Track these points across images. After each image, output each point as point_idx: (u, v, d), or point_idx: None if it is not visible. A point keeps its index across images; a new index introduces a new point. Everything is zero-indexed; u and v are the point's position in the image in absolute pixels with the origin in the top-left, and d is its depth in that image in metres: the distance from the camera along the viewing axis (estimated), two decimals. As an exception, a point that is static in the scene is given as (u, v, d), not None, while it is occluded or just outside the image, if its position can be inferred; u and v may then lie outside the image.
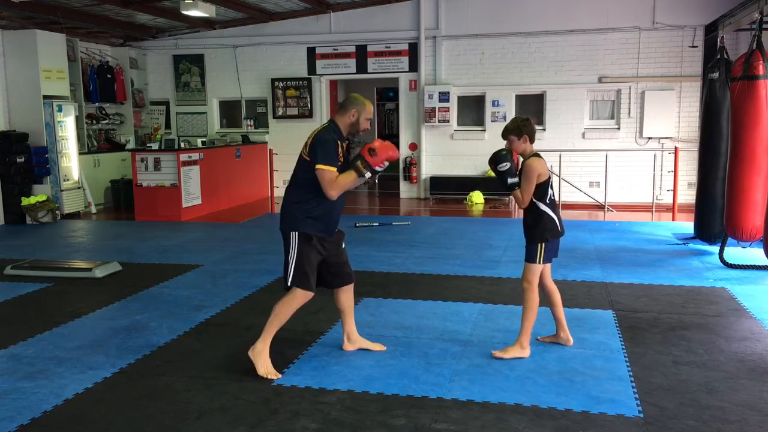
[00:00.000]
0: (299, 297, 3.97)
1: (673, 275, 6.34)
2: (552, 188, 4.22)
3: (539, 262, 4.21)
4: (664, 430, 3.26)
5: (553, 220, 4.22)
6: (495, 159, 4.16)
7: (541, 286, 4.36)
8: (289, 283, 3.95)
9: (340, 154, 3.94)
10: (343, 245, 4.22)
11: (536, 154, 4.19)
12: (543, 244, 4.19)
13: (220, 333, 4.84)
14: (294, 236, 3.93)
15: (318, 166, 3.82)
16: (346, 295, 4.28)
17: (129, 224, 9.99)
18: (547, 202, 4.20)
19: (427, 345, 4.47)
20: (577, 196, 11.28)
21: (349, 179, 3.90)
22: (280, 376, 3.91)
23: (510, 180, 4.14)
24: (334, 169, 3.85)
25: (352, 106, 3.98)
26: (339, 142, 3.94)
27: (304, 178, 3.93)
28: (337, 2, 11.93)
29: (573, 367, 4.07)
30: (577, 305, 5.37)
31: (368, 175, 3.90)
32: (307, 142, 3.94)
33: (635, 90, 11.20)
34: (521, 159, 4.26)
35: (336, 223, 4.09)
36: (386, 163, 3.95)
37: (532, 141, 4.22)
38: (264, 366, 3.93)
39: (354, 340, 4.36)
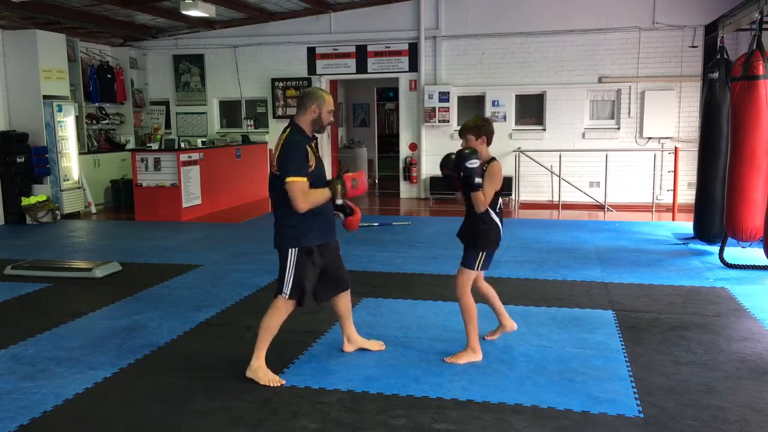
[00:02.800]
0: (283, 307, 3.89)
1: (673, 275, 6.34)
2: (500, 198, 4.15)
3: (477, 269, 4.15)
4: (664, 430, 3.26)
5: (499, 230, 4.15)
6: (462, 157, 3.92)
7: (474, 287, 4.32)
8: (287, 296, 3.83)
9: (311, 159, 3.74)
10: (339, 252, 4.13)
11: (495, 159, 4.10)
12: (485, 253, 4.12)
13: (220, 333, 4.84)
14: (293, 252, 3.79)
15: (287, 179, 3.62)
16: (344, 301, 4.21)
17: (129, 224, 9.99)
18: (497, 211, 4.13)
19: (427, 345, 4.47)
20: (577, 196, 11.28)
21: (322, 197, 3.71)
22: (284, 382, 3.86)
23: (477, 180, 3.92)
24: (304, 179, 3.64)
25: (311, 101, 3.75)
26: (308, 146, 3.74)
27: (284, 193, 3.70)
28: (337, 2, 11.93)
29: (573, 367, 4.07)
30: (577, 305, 5.37)
31: (339, 202, 3.75)
32: (274, 153, 3.72)
33: (635, 90, 11.19)
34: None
35: (333, 226, 3.98)
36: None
37: (489, 143, 4.09)
38: (265, 378, 3.86)
39: (354, 341, 4.34)
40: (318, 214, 3.80)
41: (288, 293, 3.84)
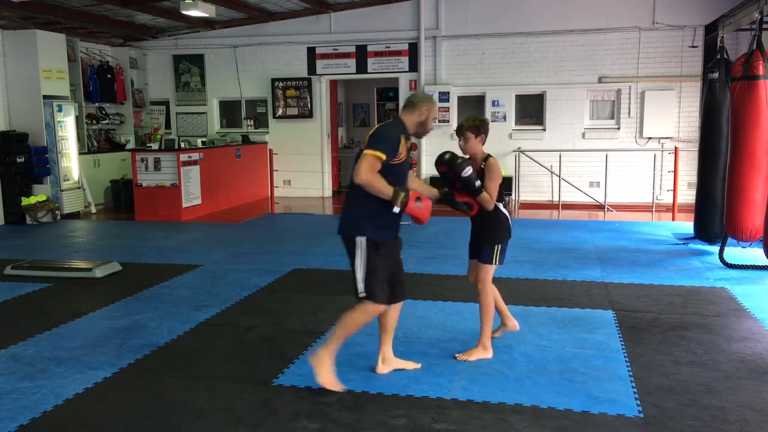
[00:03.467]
0: (370, 311, 3.68)
1: (673, 275, 6.34)
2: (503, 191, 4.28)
3: (495, 264, 4.21)
4: (664, 430, 3.26)
5: (509, 221, 4.26)
6: (455, 168, 3.94)
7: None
8: (361, 294, 3.65)
9: (402, 152, 3.65)
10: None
11: (490, 155, 4.19)
12: (500, 246, 4.20)
13: (220, 333, 4.84)
14: (361, 242, 3.63)
15: (366, 151, 3.52)
16: (394, 312, 3.94)
17: (129, 224, 9.99)
18: (504, 204, 4.25)
19: (427, 345, 4.47)
20: (577, 196, 11.28)
21: (384, 189, 3.54)
22: (344, 387, 3.70)
23: (477, 183, 3.99)
24: (382, 156, 3.52)
25: (422, 104, 3.72)
26: (403, 138, 3.66)
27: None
28: (337, 2, 11.92)
29: (573, 367, 4.07)
30: (577, 305, 5.37)
31: (396, 209, 3.58)
32: (366, 138, 3.65)
33: (635, 90, 11.19)
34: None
35: (399, 225, 3.81)
36: (408, 219, 3.76)
37: (484, 143, 4.18)
38: (325, 376, 3.68)
39: (389, 361, 4.02)
40: (392, 215, 3.63)
41: (363, 291, 3.63)
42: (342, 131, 15.58)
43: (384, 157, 3.54)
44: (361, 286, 3.66)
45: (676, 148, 10.15)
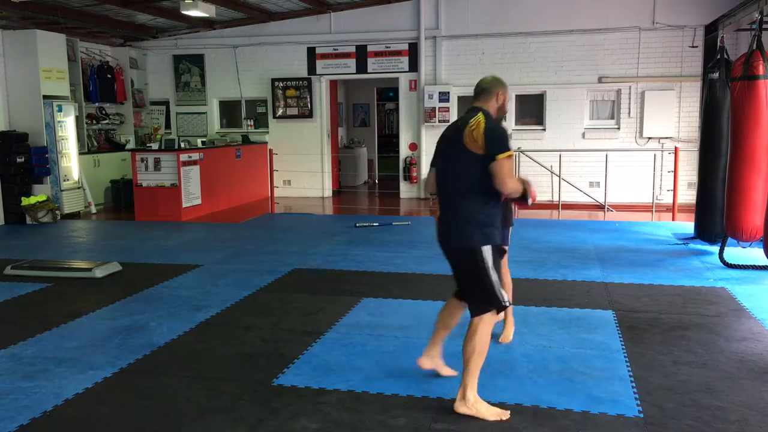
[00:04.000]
0: (490, 320, 3.47)
1: (673, 275, 6.34)
2: None
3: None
4: (664, 430, 3.26)
5: None
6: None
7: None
8: (497, 308, 3.44)
9: None
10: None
11: None
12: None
13: (220, 333, 4.84)
14: (487, 251, 3.39)
15: (499, 156, 3.27)
16: (460, 312, 3.83)
17: (129, 224, 9.99)
18: None
19: (427, 345, 4.46)
20: (577, 196, 11.28)
21: (520, 187, 3.38)
22: (508, 413, 3.42)
23: None
24: (512, 153, 3.36)
25: (496, 87, 3.55)
26: None
27: (479, 179, 3.34)
28: (337, 2, 11.93)
29: (573, 367, 4.07)
30: (577, 305, 5.37)
31: (530, 202, 3.45)
32: (473, 137, 3.35)
33: (635, 90, 11.19)
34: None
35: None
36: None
37: None
38: (487, 413, 3.40)
39: (434, 357, 3.92)
40: (500, 217, 3.51)
41: (498, 304, 3.43)
42: (342, 131, 15.60)
43: (512, 153, 3.37)
44: (495, 300, 3.44)
45: (676, 148, 10.15)
